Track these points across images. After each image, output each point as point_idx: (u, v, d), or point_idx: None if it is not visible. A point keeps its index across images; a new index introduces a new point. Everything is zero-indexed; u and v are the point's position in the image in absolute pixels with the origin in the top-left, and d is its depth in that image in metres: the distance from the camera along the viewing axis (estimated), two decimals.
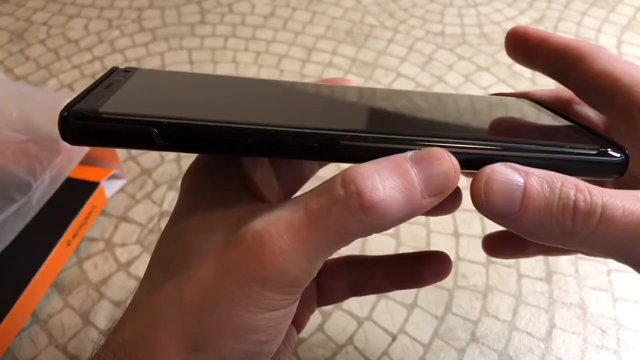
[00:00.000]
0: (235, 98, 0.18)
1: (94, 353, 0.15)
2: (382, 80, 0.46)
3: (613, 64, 0.18)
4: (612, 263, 0.32)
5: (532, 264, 0.32)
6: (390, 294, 0.31)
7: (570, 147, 0.15)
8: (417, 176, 0.14)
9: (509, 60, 0.49)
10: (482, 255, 0.33)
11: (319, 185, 0.14)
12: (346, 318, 0.30)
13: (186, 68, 0.47)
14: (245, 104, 0.17)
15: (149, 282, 0.15)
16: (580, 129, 0.18)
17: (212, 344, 0.14)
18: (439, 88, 0.45)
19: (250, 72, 0.47)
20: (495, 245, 0.24)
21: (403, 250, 0.33)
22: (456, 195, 0.20)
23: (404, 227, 0.34)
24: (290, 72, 0.47)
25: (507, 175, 0.14)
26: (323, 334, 0.29)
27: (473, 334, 0.29)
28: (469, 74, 0.46)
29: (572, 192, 0.14)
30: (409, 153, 0.14)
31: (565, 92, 0.21)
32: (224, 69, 0.47)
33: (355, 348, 0.29)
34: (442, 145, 0.14)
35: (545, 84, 0.45)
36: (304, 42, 0.50)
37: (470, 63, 0.48)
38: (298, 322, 0.22)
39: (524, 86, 0.45)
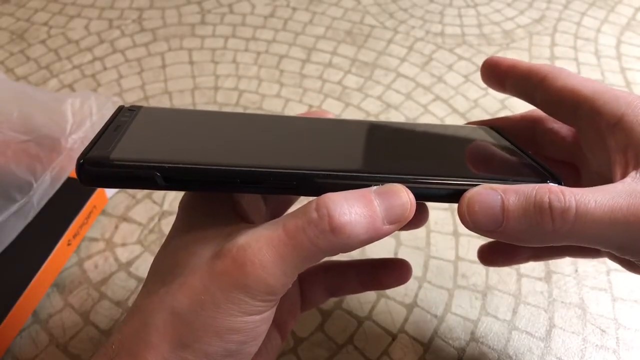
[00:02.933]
0: (226, 137, 0.20)
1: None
2: (382, 80, 0.46)
3: (572, 80, 0.20)
4: (611, 263, 0.33)
5: (532, 264, 0.32)
6: (390, 293, 0.31)
7: (513, 180, 0.18)
8: (379, 206, 0.16)
9: None
10: None
11: (296, 209, 0.17)
12: (346, 318, 0.30)
13: (187, 68, 0.47)
14: (235, 143, 0.19)
15: (146, 290, 0.18)
16: (527, 160, 0.20)
17: (197, 341, 0.16)
18: (438, 88, 0.45)
19: (251, 72, 0.47)
20: (489, 255, 0.26)
21: (402, 249, 0.33)
22: (422, 213, 0.23)
23: None
24: (290, 72, 0.47)
25: (486, 195, 0.17)
26: (323, 334, 0.29)
27: (473, 334, 0.29)
28: (469, 74, 0.46)
29: (546, 196, 0.16)
30: (374, 187, 0.17)
31: (536, 112, 0.23)
32: (224, 69, 0.47)
33: (355, 347, 0.29)
34: (401, 182, 0.17)
35: None
36: (304, 43, 0.50)
37: (469, 63, 0.48)
38: (283, 330, 0.23)
39: None
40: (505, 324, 0.30)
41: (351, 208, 0.16)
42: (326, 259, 0.18)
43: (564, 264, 0.32)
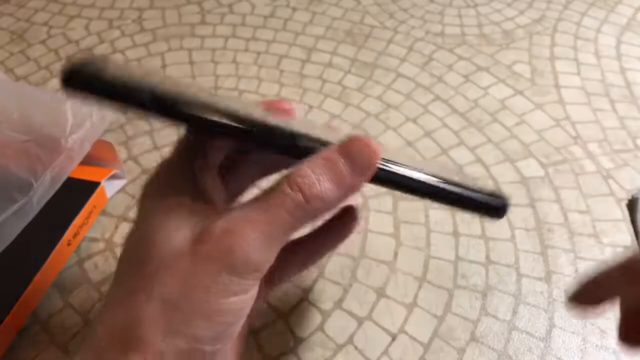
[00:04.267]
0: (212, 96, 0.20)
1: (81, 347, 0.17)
2: (382, 80, 0.46)
3: None
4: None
5: (532, 264, 0.32)
6: (390, 293, 0.31)
7: (470, 188, 0.19)
8: (344, 164, 0.17)
9: (508, 61, 0.50)
10: (482, 255, 0.33)
11: (269, 189, 0.17)
12: (346, 318, 0.30)
13: (187, 68, 0.47)
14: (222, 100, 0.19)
15: (120, 283, 0.18)
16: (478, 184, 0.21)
17: (188, 326, 0.16)
18: (438, 88, 0.45)
19: (251, 72, 0.47)
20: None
21: (402, 249, 0.33)
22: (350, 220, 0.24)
23: (403, 227, 0.34)
24: (290, 72, 0.47)
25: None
26: (323, 334, 0.29)
27: (472, 334, 0.29)
28: (469, 74, 0.47)
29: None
30: (335, 144, 0.18)
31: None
32: (225, 70, 0.47)
33: (355, 347, 0.29)
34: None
35: (546, 84, 0.45)
36: (304, 43, 0.50)
37: (469, 63, 0.48)
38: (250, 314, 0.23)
39: (523, 86, 0.45)
40: (505, 324, 0.30)
41: (319, 176, 0.17)
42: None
43: (564, 264, 0.32)
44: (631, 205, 0.36)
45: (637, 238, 0.34)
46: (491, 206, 0.20)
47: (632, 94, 0.45)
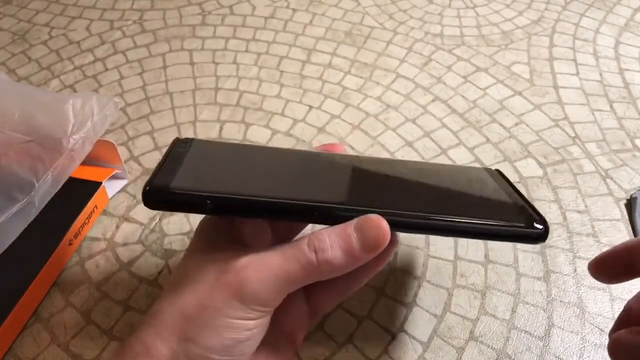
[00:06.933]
0: (261, 170, 0.24)
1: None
2: (381, 81, 0.46)
3: None
4: None
5: (531, 264, 0.33)
6: (390, 293, 0.31)
7: (499, 220, 0.21)
8: (356, 239, 0.20)
9: (507, 61, 0.50)
10: (481, 254, 0.33)
11: (293, 242, 0.21)
12: (346, 317, 0.30)
13: (188, 69, 0.48)
14: (269, 177, 0.24)
15: (162, 298, 0.21)
16: (520, 202, 0.23)
17: (200, 336, 0.19)
18: (438, 89, 0.45)
19: (251, 73, 0.47)
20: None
21: (402, 249, 0.33)
22: (387, 253, 0.25)
23: None
24: (291, 73, 0.47)
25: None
26: (323, 333, 0.29)
27: (472, 333, 0.29)
28: (468, 75, 0.47)
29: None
30: (354, 220, 0.20)
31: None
32: (225, 70, 0.47)
33: (355, 346, 0.29)
34: (381, 213, 0.20)
35: (544, 85, 0.46)
36: (304, 44, 0.50)
37: (468, 64, 0.48)
38: (292, 340, 0.25)
39: (521, 87, 0.45)
40: (504, 323, 0.30)
41: (333, 244, 0.20)
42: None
43: (563, 264, 0.33)
44: (630, 204, 0.36)
45: (635, 237, 0.34)
46: (523, 237, 0.21)
47: (630, 94, 0.45)
